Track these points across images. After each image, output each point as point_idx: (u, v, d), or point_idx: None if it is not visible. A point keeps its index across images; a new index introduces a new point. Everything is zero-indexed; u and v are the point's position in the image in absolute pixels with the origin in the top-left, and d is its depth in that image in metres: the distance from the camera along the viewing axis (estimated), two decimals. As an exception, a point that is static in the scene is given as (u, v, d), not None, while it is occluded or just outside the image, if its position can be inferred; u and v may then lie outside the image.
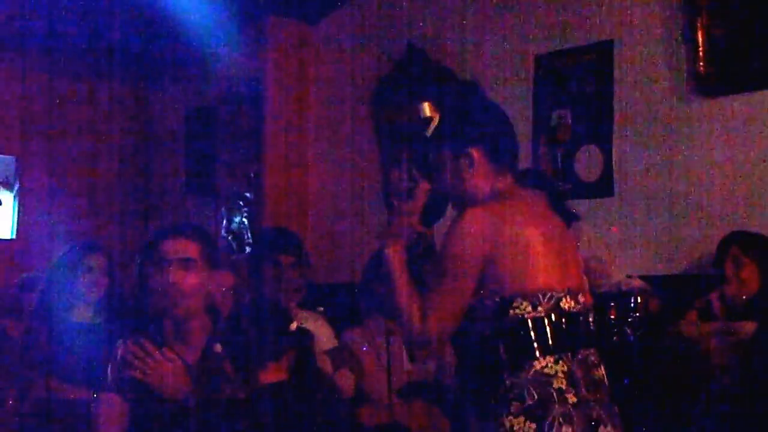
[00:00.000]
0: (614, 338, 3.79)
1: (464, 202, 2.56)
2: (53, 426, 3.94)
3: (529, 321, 2.39)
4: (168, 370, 2.88)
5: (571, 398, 2.37)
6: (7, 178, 6.82)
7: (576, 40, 5.01)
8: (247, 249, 6.37)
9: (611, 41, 4.86)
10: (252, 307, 3.81)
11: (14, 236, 6.82)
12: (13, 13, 5.90)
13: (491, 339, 2.42)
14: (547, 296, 2.42)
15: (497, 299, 2.41)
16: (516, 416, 2.36)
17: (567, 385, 2.37)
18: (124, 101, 7.40)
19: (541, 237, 2.46)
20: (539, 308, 2.40)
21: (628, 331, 3.81)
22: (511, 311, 2.41)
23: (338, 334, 4.35)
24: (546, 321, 2.40)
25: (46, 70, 6.81)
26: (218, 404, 2.91)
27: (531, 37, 5.17)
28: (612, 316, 3.86)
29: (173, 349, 2.95)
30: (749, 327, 3.73)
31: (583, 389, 2.39)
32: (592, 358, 2.47)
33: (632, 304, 3.77)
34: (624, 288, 4.15)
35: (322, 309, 4.60)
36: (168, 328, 2.98)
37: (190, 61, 6.75)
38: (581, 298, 2.51)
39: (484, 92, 2.74)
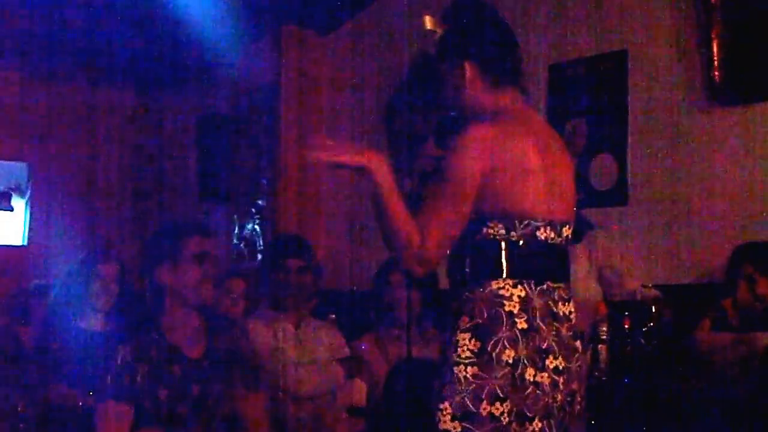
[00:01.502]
0: (628, 347, 3.77)
1: (467, 116, 2.52)
2: (62, 433, 3.93)
3: (498, 243, 2.37)
4: None
5: (521, 324, 2.33)
6: (19, 184, 6.82)
7: (590, 50, 5.00)
8: (259, 256, 6.36)
9: (625, 50, 4.86)
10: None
11: (26, 243, 6.82)
12: (30, 23, 5.91)
13: (460, 253, 2.40)
14: (524, 223, 2.38)
15: (474, 216, 2.38)
16: (463, 332, 2.34)
17: (519, 310, 2.34)
18: (137, 108, 7.42)
19: (538, 164, 2.41)
20: (513, 233, 2.38)
21: (642, 340, 3.79)
22: (485, 229, 2.38)
23: (349, 342, 4.33)
24: (515, 246, 2.38)
25: (59, 78, 6.83)
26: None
27: (545, 46, 5.16)
28: (626, 325, 3.85)
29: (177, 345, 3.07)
30: (764, 338, 3.69)
31: (537, 319, 2.36)
32: (561, 293, 2.43)
33: (646, 314, 3.76)
34: (638, 297, 4.14)
35: (333, 317, 4.59)
36: (176, 325, 3.09)
37: (203, 69, 6.76)
38: (565, 231, 2.47)
39: (491, 8, 2.61)
